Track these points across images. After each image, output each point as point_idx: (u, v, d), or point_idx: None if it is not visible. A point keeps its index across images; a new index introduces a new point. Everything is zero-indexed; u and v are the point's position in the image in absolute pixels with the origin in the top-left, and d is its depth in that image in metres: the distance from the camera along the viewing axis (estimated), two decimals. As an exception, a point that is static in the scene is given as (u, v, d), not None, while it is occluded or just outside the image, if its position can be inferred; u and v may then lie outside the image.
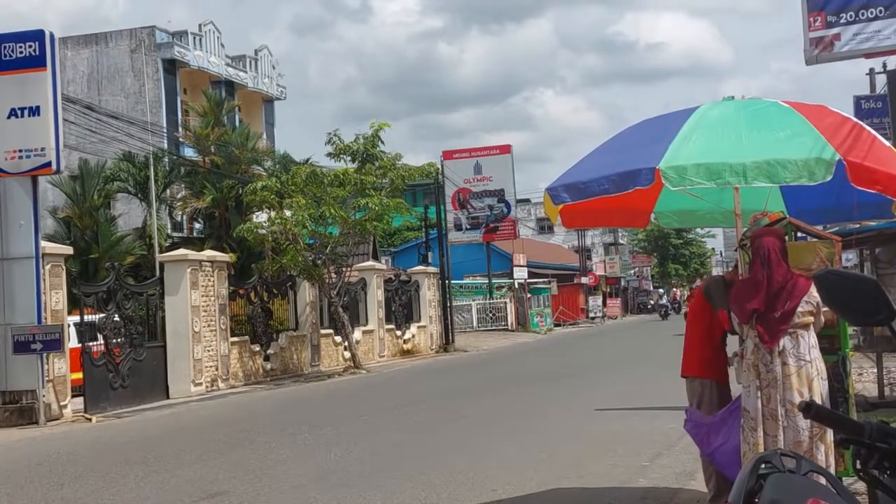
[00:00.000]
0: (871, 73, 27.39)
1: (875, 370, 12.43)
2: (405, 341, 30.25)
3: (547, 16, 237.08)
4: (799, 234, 6.25)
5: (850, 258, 19.45)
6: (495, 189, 46.00)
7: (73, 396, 16.37)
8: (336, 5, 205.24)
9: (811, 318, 5.57)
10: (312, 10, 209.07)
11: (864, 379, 13.17)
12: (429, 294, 32.37)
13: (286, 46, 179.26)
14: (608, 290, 68.06)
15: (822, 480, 2.45)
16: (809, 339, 5.57)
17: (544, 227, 67.64)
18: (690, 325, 6.69)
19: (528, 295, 47.65)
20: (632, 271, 79.30)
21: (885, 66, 22.52)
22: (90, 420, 15.62)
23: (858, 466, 2.33)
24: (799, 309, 5.52)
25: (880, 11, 15.70)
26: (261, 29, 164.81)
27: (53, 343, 15.12)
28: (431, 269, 33.89)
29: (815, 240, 6.12)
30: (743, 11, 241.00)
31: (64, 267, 16.53)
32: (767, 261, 5.58)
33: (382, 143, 24.25)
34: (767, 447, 5.42)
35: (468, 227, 46.16)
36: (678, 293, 66.50)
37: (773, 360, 5.54)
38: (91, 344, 17.17)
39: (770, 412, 5.54)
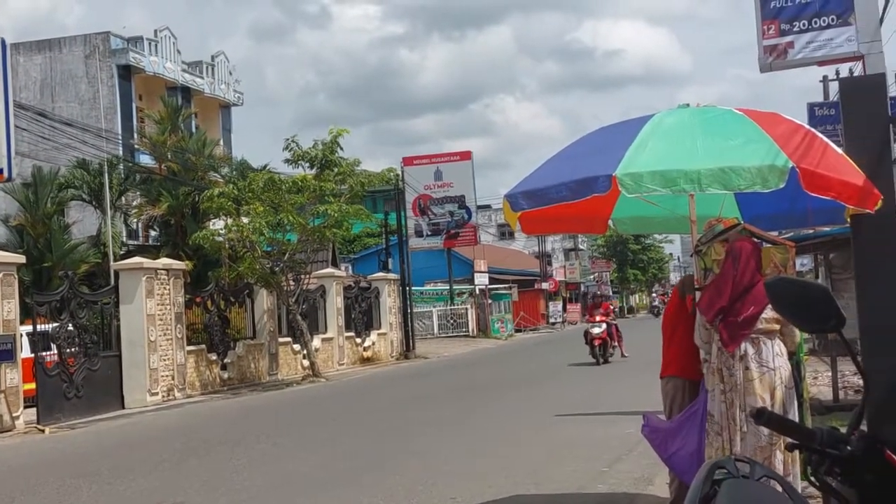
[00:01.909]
0: (825, 80, 27.76)
1: (830, 374, 12.62)
2: (365, 349, 30.11)
3: (507, 22, 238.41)
4: (753, 240, 6.29)
5: (804, 263, 19.74)
6: (456, 195, 46.04)
7: (25, 407, 16.09)
8: (295, 11, 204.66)
9: (777, 326, 5.57)
10: (271, 16, 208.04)
11: (819, 382, 13.37)
12: (389, 301, 32.27)
13: (244, 52, 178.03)
14: (568, 295, 68.44)
15: (777, 486, 2.45)
16: (774, 347, 5.58)
17: (505, 232, 67.71)
18: (670, 326, 6.45)
19: (489, 301, 47.75)
20: (591, 276, 79.82)
21: (837, 73, 22.86)
22: (43, 431, 15.35)
23: (811, 472, 2.34)
24: (763, 315, 5.52)
25: (832, 20, 15.88)
26: (218, 35, 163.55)
27: (5, 353, 14.91)
28: (392, 275, 33.78)
29: (769, 245, 6.17)
30: (699, 19, 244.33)
31: (16, 276, 16.24)
32: (737, 260, 5.60)
33: (341, 149, 24.18)
34: (726, 452, 5.45)
35: (429, 233, 46.15)
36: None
37: (735, 365, 5.56)
38: (44, 354, 16.89)
39: (731, 416, 5.56)
